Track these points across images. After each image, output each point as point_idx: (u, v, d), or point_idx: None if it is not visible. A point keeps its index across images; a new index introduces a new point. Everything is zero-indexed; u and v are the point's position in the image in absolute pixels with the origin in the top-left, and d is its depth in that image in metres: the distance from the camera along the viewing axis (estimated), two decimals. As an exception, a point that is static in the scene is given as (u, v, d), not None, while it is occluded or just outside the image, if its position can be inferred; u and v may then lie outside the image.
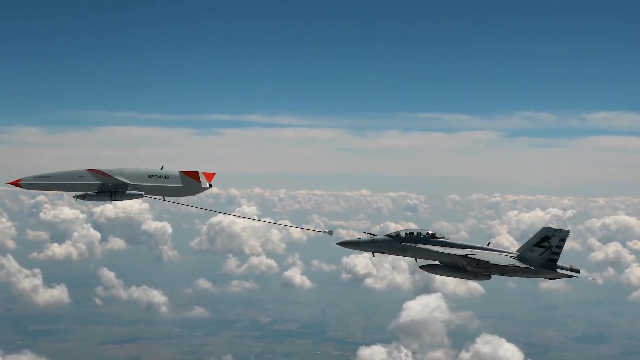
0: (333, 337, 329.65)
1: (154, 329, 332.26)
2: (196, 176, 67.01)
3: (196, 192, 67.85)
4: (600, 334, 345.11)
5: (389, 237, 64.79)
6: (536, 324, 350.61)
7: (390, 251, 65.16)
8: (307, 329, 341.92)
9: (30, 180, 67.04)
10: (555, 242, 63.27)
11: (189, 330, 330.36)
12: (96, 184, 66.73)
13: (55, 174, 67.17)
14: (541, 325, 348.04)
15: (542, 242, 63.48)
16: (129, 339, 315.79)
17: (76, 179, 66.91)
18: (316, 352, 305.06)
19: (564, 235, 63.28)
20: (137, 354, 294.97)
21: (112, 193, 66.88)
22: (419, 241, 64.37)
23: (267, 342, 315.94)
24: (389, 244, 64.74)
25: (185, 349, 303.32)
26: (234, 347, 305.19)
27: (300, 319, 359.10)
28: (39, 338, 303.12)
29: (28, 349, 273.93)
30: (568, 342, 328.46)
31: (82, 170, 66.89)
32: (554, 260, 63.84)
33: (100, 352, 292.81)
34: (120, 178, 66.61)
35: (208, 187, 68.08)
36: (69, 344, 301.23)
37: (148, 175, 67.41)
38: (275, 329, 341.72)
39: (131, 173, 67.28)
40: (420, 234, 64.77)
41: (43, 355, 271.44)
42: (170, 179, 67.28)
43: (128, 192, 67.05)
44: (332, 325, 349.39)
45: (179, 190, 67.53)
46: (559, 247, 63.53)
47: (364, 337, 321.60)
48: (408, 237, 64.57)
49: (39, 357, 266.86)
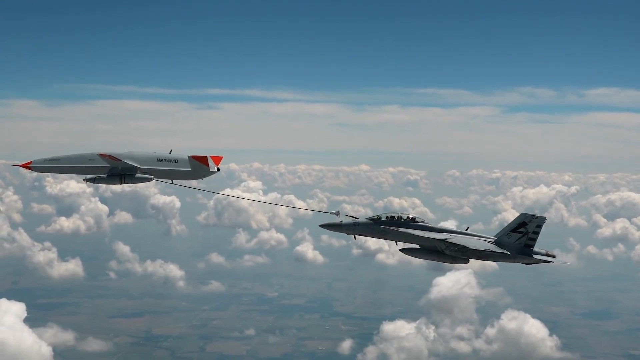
0: (342, 311, 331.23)
1: (163, 303, 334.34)
2: (205, 160, 67.76)
3: (204, 175, 68.68)
4: (606, 309, 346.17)
5: (370, 221, 65.82)
6: (542, 300, 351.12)
7: (372, 234, 66.40)
8: (314, 303, 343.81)
9: (41, 163, 67.99)
10: (532, 228, 64.46)
11: (197, 304, 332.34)
12: (106, 167, 67.73)
13: (65, 157, 68.00)
14: (547, 302, 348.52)
15: (519, 228, 64.67)
16: (138, 312, 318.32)
17: (86, 162, 67.82)
18: (325, 327, 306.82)
19: (540, 221, 64.44)
20: (146, 327, 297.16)
21: (122, 176, 68.00)
22: (399, 225, 65.56)
23: (276, 317, 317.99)
24: (370, 227, 65.85)
25: (194, 323, 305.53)
26: (243, 321, 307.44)
27: (310, 294, 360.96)
28: (47, 312, 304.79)
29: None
30: (575, 318, 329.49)
31: (91, 154, 67.80)
32: (531, 245, 65.00)
33: (109, 325, 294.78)
34: (129, 162, 67.49)
35: (216, 171, 68.84)
36: (77, 317, 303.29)
37: (157, 159, 68.27)
38: (283, 303, 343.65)
39: (140, 157, 68.14)
40: (401, 217, 65.88)
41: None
42: (179, 162, 68.15)
43: (137, 175, 68.07)
44: (340, 299, 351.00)
45: (187, 174, 68.36)
46: (536, 233, 64.70)
47: (372, 312, 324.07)
48: (389, 221, 65.69)
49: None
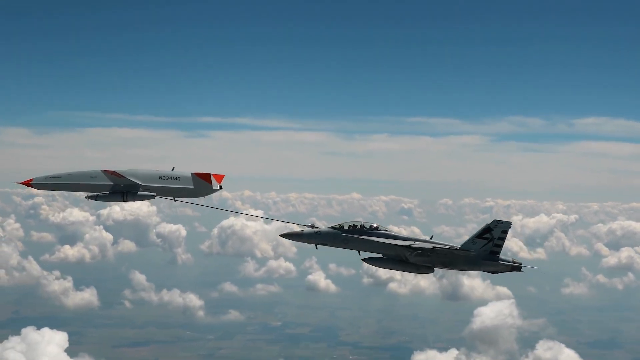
0: (348, 340, 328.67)
1: (167, 332, 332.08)
2: (208, 178, 67.38)
3: (207, 193, 68.19)
4: (611, 339, 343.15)
5: (332, 229, 64.49)
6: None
7: (334, 243, 64.76)
8: (320, 332, 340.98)
9: (42, 181, 67.46)
10: (497, 233, 62.56)
11: (202, 334, 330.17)
12: (108, 184, 67.12)
13: (66, 175, 67.54)
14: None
15: (484, 234, 62.69)
16: (142, 342, 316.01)
17: (88, 179, 67.32)
18: (332, 356, 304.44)
19: (506, 227, 62.47)
20: (152, 356, 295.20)
21: (124, 194, 67.35)
22: (362, 233, 64.15)
23: (282, 346, 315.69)
24: (332, 236, 64.46)
25: (200, 352, 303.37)
26: (249, 352, 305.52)
27: (320, 323, 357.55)
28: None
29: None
30: (581, 348, 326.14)
31: (93, 171, 67.34)
32: (497, 252, 63.21)
33: (114, 355, 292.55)
34: (132, 179, 66.95)
35: (219, 189, 68.35)
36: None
37: (159, 177, 67.87)
38: (289, 332, 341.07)
39: (143, 174, 67.70)
40: (364, 226, 64.56)
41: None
42: (181, 180, 67.74)
43: (140, 193, 67.51)
44: (345, 329, 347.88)
45: (190, 192, 67.88)
46: (501, 239, 62.82)
47: (379, 342, 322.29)
48: (351, 229, 64.32)
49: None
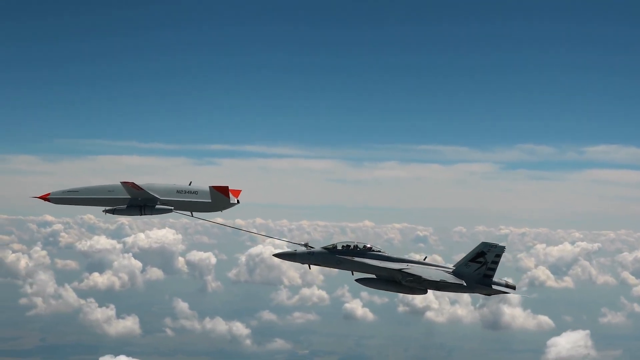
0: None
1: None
2: (226, 191, 66.69)
3: (224, 207, 67.53)
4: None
5: (325, 250, 64.23)
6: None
7: (327, 264, 64.74)
8: None
9: (60, 195, 67.28)
10: (490, 257, 62.92)
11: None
12: (125, 198, 66.74)
13: (84, 189, 67.34)
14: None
15: (477, 258, 63.14)
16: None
17: (105, 193, 67.04)
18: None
19: (499, 251, 62.99)
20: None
21: (142, 207, 66.86)
22: (355, 254, 63.75)
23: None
24: (325, 257, 64.19)
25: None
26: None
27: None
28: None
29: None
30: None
31: (111, 185, 67.12)
32: (490, 276, 63.44)
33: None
34: (150, 192, 66.45)
35: (236, 203, 67.70)
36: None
37: (177, 191, 67.44)
38: None
39: (160, 188, 67.31)
40: (357, 247, 64.19)
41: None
42: (198, 194, 67.27)
43: (157, 206, 67.06)
44: (375, 358, 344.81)
45: (207, 206, 67.28)
46: (495, 263, 63.15)
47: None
48: (344, 250, 63.93)
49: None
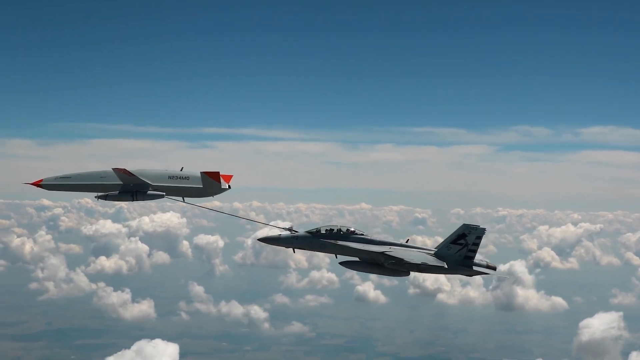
0: (387, 351, 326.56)
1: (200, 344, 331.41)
2: (217, 177, 67.06)
3: (216, 193, 67.95)
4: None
5: (309, 234, 65.33)
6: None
7: (311, 247, 65.98)
8: (356, 342, 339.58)
9: (52, 181, 67.60)
10: (471, 239, 63.75)
11: (238, 345, 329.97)
12: (117, 184, 67.12)
13: (76, 175, 67.69)
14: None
15: (459, 240, 64.01)
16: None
17: (97, 179, 67.38)
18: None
19: (480, 233, 63.73)
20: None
21: (134, 193, 67.22)
22: (338, 237, 64.90)
23: (320, 357, 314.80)
24: (309, 240, 65.29)
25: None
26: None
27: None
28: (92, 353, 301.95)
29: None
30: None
31: (103, 171, 67.47)
32: (471, 257, 64.42)
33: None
34: (141, 178, 66.77)
35: (227, 189, 68.03)
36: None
37: (169, 176, 67.81)
38: (331, 342, 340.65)
39: (152, 174, 67.68)
40: (341, 230, 65.24)
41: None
42: (190, 179, 67.63)
43: (149, 192, 67.43)
44: (382, 340, 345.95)
45: (199, 191, 67.70)
46: (476, 245, 64.06)
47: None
48: (328, 234, 65.07)
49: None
